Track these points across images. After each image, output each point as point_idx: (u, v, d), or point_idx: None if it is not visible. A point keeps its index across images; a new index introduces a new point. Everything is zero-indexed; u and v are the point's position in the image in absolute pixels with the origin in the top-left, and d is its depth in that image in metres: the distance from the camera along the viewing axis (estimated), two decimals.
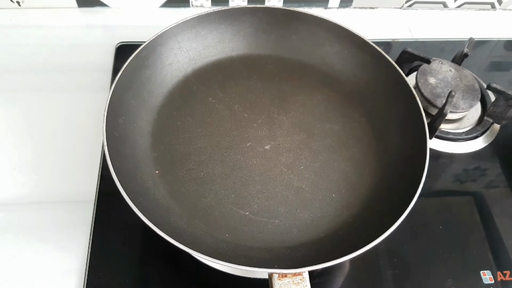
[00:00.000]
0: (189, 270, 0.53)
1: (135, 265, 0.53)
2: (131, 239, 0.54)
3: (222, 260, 0.42)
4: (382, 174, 0.55)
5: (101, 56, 0.73)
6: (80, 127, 0.64)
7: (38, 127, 0.64)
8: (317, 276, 0.53)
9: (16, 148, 0.62)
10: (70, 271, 0.53)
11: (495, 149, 0.67)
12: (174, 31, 0.59)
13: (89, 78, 0.70)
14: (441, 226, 0.58)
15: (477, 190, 0.62)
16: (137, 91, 0.56)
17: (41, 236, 0.55)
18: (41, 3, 0.77)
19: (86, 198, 0.57)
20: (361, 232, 0.49)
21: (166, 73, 0.61)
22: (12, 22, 0.77)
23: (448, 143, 0.66)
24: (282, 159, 0.57)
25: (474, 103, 0.66)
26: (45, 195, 0.58)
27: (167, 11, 0.80)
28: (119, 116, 0.53)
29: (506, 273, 0.55)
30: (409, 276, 0.55)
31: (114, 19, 0.79)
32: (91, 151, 0.61)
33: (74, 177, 0.59)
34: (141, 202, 0.46)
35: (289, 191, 0.55)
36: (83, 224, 0.55)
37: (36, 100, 0.67)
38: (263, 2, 0.80)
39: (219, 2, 0.80)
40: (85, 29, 0.77)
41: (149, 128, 0.57)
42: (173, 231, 0.46)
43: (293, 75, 0.65)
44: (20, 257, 0.53)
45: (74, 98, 0.67)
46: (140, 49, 0.56)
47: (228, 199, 0.53)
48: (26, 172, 0.60)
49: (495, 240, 0.58)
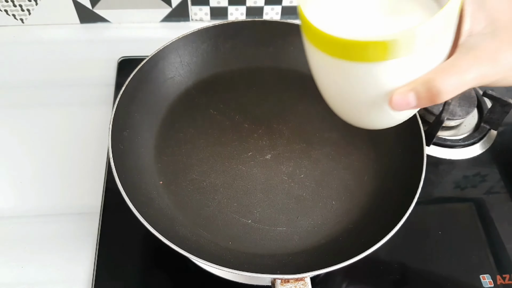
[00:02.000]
0: (194, 279, 0.54)
1: (141, 275, 0.54)
2: (136, 249, 0.55)
3: (226, 267, 0.43)
4: (381, 181, 0.56)
5: (103, 71, 0.74)
6: (84, 141, 0.65)
7: (43, 142, 0.65)
8: (319, 282, 0.54)
9: (23, 162, 0.63)
10: (77, 282, 0.53)
11: (492, 155, 0.67)
12: (175, 46, 0.60)
13: (92, 93, 0.71)
14: (440, 231, 0.59)
15: (475, 195, 0.63)
16: (140, 104, 0.57)
17: (48, 247, 0.56)
18: (44, 20, 0.78)
19: (92, 210, 0.58)
20: (361, 238, 0.49)
21: (168, 86, 0.62)
22: (16, 39, 0.78)
23: (446, 149, 0.67)
24: (283, 168, 0.58)
25: (471, 110, 0.67)
26: (52, 208, 0.59)
27: (168, 26, 0.81)
28: (124, 129, 0.54)
29: (505, 277, 0.55)
30: (410, 281, 0.55)
31: (116, 34, 0.80)
32: (95, 163, 0.62)
33: (79, 189, 0.60)
34: (146, 212, 0.47)
35: (290, 199, 0.55)
36: (89, 235, 0.56)
37: (41, 115, 0.68)
38: (261, 15, 0.81)
39: (218, 16, 0.81)
40: (87, 44, 0.78)
41: (152, 140, 0.58)
42: (178, 240, 0.46)
43: (292, 85, 0.65)
44: (28, 268, 0.54)
45: (78, 113, 0.68)
46: (142, 63, 0.57)
47: (230, 208, 0.54)
48: (33, 186, 0.61)
49: (494, 244, 0.58)
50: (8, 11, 0.76)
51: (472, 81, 0.33)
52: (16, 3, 0.75)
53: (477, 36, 0.34)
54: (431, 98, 0.33)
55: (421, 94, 0.33)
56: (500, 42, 0.33)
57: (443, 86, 0.32)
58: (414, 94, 0.33)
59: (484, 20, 0.35)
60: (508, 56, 0.33)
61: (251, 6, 0.79)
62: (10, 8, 0.76)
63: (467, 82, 0.32)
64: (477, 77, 0.32)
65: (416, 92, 0.33)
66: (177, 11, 0.79)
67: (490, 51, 0.33)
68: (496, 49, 0.33)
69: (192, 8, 0.79)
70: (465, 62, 0.33)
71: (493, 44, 0.33)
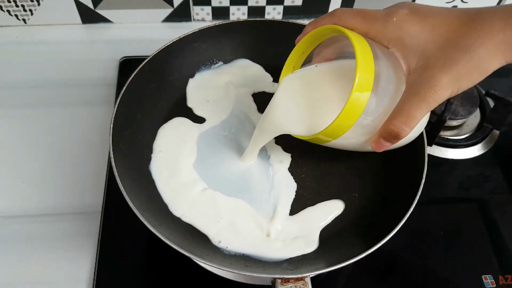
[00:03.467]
0: (195, 278, 0.54)
1: (142, 274, 0.54)
2: (137, 248, 0.55)
3: (227, 267, 0.43)
4: (382, 181, 0.56)
5: (105, 70, 0.74)
6: (86, 141, 0.65)
7: (45, 141, 0.65)
8: (320, 282, 0.54)
9: (25, 162, 0.63)
10: (78, 281, 0.54)
11: (494, 154, 0.67)
12: (177, 45, 0.60)
13: (94, 92, 0.71)
14: (441, 231, 0.59)
15: (477, 195, 0.63)
16: (142, 104, 0.57)
17: (50, 246, 0.56)
18: (46, 20, 0.79)
19: (93, 210, 0.58)
20: (362, 237, 0.50)
21: (169, 86, 0.62)
22: (19, 39, 0.78)
23: (448, 149, 0.67)
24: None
25: (473, 110, 0.67)
26: (54, 207, 0.59)
27: (170, 26, 0.81)
28: (125, 129, 0.54)
29: (507, 277, 0.55)
30: (411, 281, 0.55)
31: (118, 35, 0.80)
32: (97, 163, 0.62)
33: (81, 189, 0.61)
34: (147, 212, 0.47)
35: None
36: (90, 234, 0.56)
37: (43, 114, 0.68)
38: (263, 15, 0.81)
39: (220, 16, 0.81)
40: (89, 44, 0.79)
41: (153, 140, 0.58)
42: (178, 239, 0.47)
43: None
44: (30, 267, 0.54)
45: (80, 112, 0.68)
46: (144, 63, 0.57)
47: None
48: (35, 185, 0.61)
49: (497, 244, 0.58)
50: (11, 11, 0.76)
51: (420, 112, 0.39)
52: (18, 3, 0.75)
53: (414, 73, 0.40)
54: (396, 137, 0.41)
55: (387, 137, 0.42)
56: (432, 69, 0.39)
57: (399, 127, 0.40)
58: (383, 139, 0.42)
59: (413, 57, 0.40)
60: (442, 79, 0.38)
61: (253, 6, 0.79)
62: (13, 8, 0.76)
63: (415, 116, 0.39)
64: (421, 108, 0.39)
65: (383, 137, 0.42)
66: (179, 11, 0.80)
67: (426, 82, 0.38)
68: (431, 78, 0.38)
69: (194, 8, 0.79)
70: (407, 103, 0.39)
71: (427, 74, 0.39)
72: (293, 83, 0.50)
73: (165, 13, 0.80)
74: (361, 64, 0.38)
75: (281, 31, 0.63)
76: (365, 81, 0.39)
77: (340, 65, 0.49)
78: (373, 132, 0.43)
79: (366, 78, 0.39)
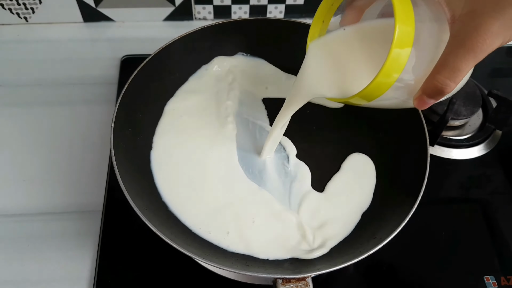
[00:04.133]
0: (196, 278, 0.54)
1: (143, 273, 0.54)
2: (138, 247, 0.55)
3: (228, 267, 0.43)
4: (384, 181, 0.56)
5: (107, 69, 0.74)
6: (87, 139, 0.65)
7: (46, 140, 0.65)
8: (321, 282, 0.54)
9: (26, 160, 0.63)
10: (79, 280, 0.54)
11: (497, 155, 0.67)
12: (178, 44, 0.60)
13: (96, 91, 0.71)
14: (443, 231, 0.59)
15: (480, 196, 0.63)
16: (143, 103, 0.57)
17: (51, 245, 0.56)
18: (47, 18, 0.79)
19: (94, 208, 0.58)
20: (363, 238, 0.49)
21: (170, 84, 0.62)
22: (20, 37, 0.78)
23: (450, 149, 0.67)
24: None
25: (476, 110, 0.67)
26: (55, 206, 0.59)
27: (171, 24, 0.81)
28: (126, 128, 0.54)
29: (509, 278, 0.55)
30: (412, 282, 0.55)
31: (119, 33, 0.80)
32: (98, 162, 0.62)
33: (82, 187, 0.60)
34: (148, 211, 0.47)
35: None
36: (91, 233, 0.56)
37: (44, 113, 0.68)
38: (265, 14, 0.81)
39: (221, 14, 0.81)
40: (91, 43, 0.79)
41: (154, 139, 0.58)
42: (179, 238, 0.47)
43: None
44: (31, 266, 0.54)
45: (81, 111, 0.68)
46: (145, 62, 0.57)
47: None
48: (36, 184, 0.61)
49: (499, 245, 0.58)
50: (12, 9, 0.76)
51: (466, 65, 0.35)
52: (20, 1, 0.75)
53: (459, 21, 0.36)
54: (441, 93, 0.37)
55: (431, 94, 0.37)
56: (481, 15, 0.34)
57: (444, 83, 0.36)
58: (426, 96, 0.38)
59: (459, 2, 0.36)
60: (493, 25, 0.34)
61: (255, 4, 0.79)
62: (14, 6, 0.76)
63: (461, 69, 0.35)
64: (468, 60, 0.35)
65: (427, 94, 0.38)
66: (180, 9, 0.79)
67: (473, 31, 0.34)
68: (478, 25, 0.34)
69: (195, 7, 0.79)
70: (452, 55, 0.35)
71: (475, 21, 0.35)
72: (322, 46, 0.46)
73: (167, 11, 0.80)
74: (400, 15, 0.34)
75: (282, 30, 0.63)
76: (405, 36, 0.35)
77: (370, 26, 0.44)
78: (414, 90, 0.39)
79: (406, 32, 0.35)
